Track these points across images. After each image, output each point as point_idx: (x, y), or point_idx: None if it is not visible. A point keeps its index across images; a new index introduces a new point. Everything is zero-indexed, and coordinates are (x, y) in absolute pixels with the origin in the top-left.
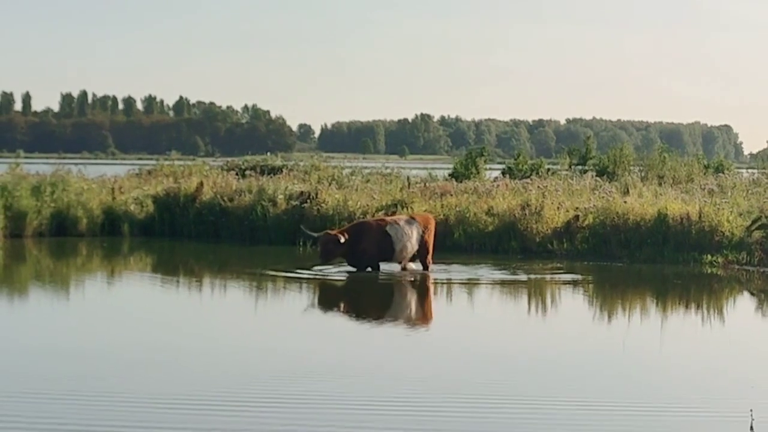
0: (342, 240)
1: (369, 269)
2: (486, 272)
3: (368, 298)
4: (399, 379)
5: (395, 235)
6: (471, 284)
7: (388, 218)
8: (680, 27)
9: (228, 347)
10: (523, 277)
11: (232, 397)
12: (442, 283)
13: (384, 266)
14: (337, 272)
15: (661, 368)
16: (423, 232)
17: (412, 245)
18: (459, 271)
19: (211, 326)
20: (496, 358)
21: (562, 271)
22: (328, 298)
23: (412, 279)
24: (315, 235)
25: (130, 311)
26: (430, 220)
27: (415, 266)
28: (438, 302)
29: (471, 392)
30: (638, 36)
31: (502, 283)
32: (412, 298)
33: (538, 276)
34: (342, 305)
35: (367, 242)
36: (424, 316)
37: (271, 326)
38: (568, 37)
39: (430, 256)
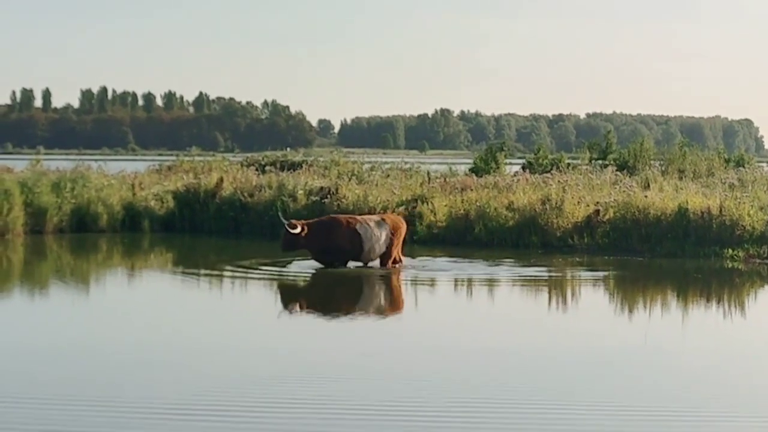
0: (297, 230)
1: (335, 265)
2: (505, 269)
3: (378, 296)
4: (410, 380)
5: (365, 235)
6: (492, 281)
7: (359, 217)
8: (701, 20)
9: (230, 348)
10: (544, 272)
11: (228, 402)
12: (462, 281)
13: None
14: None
15: (684, 366)
16: (391, 234)
17: (380, 247)
18: (479, 268)
19: (218, 326)
20: (513, 357)
21: (583, 267)
22: (339, 295)
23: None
24: (286, 222)
25: (137, 310)
26: (400, 223)
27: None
28: (456, 299)
29: (488, 394)
30: (659, 29)
31: (523, 279)
32: (421, 296)
33: (559, 273)
34: (356, 304)
35: (339, 238)
36: (433, 313)
37: (275, 326)
38: (588, 31)
39: (390, 260)
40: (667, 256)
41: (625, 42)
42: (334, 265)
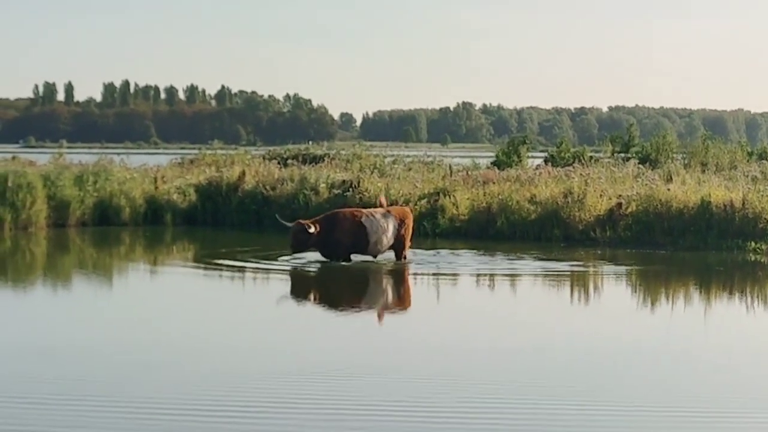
0: (312, 230)
1: (343, 261)
2: (528, 262)
3: (396, 291)
4: (425, 378)
5: (370, 227)
6: (514, 274)
7: (365, 210)
8: (724, 14)
9: (236, 345)
10: (566, 266)
11: (230, 401)
12: (483, 275)
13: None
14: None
15: (705, 362)
16: (399, 225)
17: (388, 239)
18: (499, 261)
19: (228, 322)
20: (534, 352)
21: (605, 261)
22: (359, 290)
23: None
24: (289, 225)
25: (146, 306)
26: (407, 214)
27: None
28: (475, 294)
29: (507, 393)
30: (681, 22)
31: (545, 272)
32: (437, 291)
33: (582, 267)
34: (376, 299)
35: (341, 233)
36: (450, 309)
37: (288, 321)
38: (611, 24)
39: (405, 250)
40: (689, 249)
41: (648, 35)
42: (341, 260)
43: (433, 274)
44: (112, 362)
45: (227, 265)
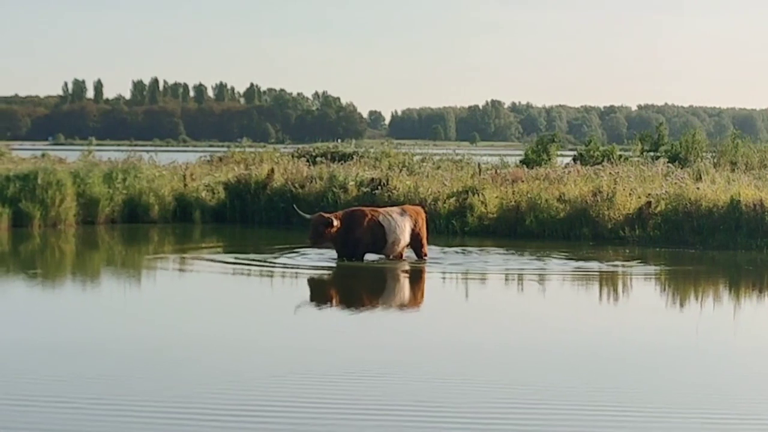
0: (336, 222)
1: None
2: (556, 262)
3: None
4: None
5: (388, 227)
6: (543, 274)
7: (381, 209)
8: (753, 12)
9: (255, 343)
10: (594, 265)
11: (246, 401)
12: (513, 273)
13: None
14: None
15: (734, 364)
16: (414, 224)
17: (405, 238)
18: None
19: (246, 320)
20: (561, 352)
21: (636, 262)
22: (386, 290)
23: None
24: (308, 216)
25: (166, 304)
26: (420, 212)
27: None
28: (502, 293)
29: (533, 394)
30: (709, 21)
31: (574, 271)
32: (463, 290)
33: (611, 267)
34: (404, 299)
35: (361, 231)
36: (473, 308)
37: (307, 320)
38: (640, 23)
39: (425, 248)
40: (718, 248)
41: (677, 34)
42: (356, 259)
43: (461, 274)
44: (135, 359)
45: (255, 262)
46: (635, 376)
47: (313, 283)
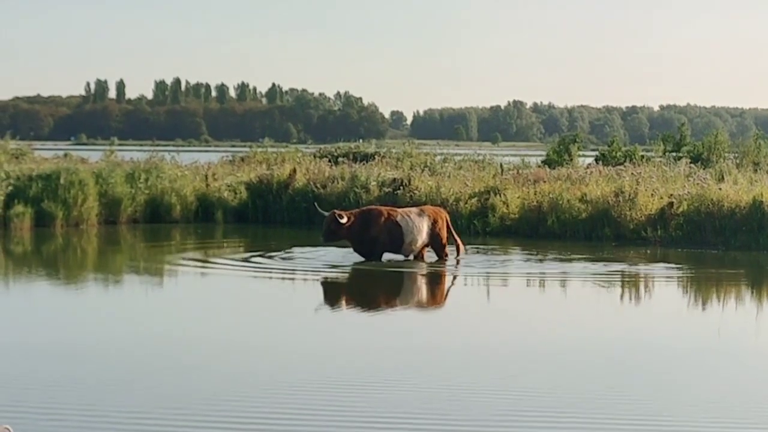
0: (343, 220)
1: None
2: (579, 264)
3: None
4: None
5: (406, 227)
6: (564, 275)
7: (400, 209)
8: None
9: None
10: (616, 265)
11: (241, 408)
12: (535, 276)
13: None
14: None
15: (756, 367)
16: (433, 225)
17: (422, 239)
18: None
19: (256, 324)
20: (583, 353)
21: (656, 260)
22: (408, 293)
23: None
24: (325, 213)
25: (180, 306)
26: (440, 212)
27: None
28: (523, 296)
29: (558, 399)
30: (732, 22)
31: (595, 274)
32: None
33: (633, 268)
34: (430, 301)
35: (378, 230)
36: (495, 311)
37: (325, 324)
38: (662, 23)
39: (446, 248)
40: (741, 248)
41: (699, 33)
42: (374, 258)
43: (482, 275)
44: (154, 363)
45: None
46: (654, 379)
47: (326, 285)
